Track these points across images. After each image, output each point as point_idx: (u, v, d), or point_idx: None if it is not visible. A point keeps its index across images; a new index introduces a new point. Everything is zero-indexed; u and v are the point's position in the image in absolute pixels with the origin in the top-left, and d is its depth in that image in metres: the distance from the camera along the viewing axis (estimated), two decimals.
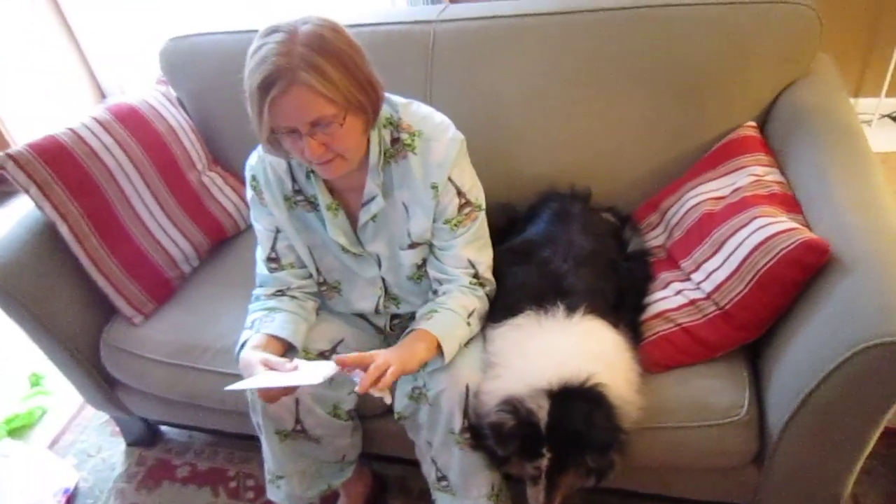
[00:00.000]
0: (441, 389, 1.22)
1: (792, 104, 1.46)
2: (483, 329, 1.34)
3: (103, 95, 3.86)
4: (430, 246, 1.33)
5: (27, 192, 1.53)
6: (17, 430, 2.07)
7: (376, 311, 1.43)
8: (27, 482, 1.80)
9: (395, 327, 1.47)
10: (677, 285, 1.34)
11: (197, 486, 1.81)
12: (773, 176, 1.35)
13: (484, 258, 1.33)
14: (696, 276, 1.31)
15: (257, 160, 1.32)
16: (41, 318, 1.56)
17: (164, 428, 1.99)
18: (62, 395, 2.14)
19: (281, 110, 1.07)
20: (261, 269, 1.40)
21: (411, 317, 1.37)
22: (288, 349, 1.32)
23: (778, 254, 1.13)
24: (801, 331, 1.13)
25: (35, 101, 3.40)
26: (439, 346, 1.22)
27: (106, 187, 1.60)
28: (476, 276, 1.32)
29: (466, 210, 1.29)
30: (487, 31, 1.61)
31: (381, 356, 1.14)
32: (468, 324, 1.28)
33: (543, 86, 1.58)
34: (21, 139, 3.28)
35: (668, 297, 1.33)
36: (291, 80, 1.04)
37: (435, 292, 1.34)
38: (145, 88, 1.85)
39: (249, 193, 1.35)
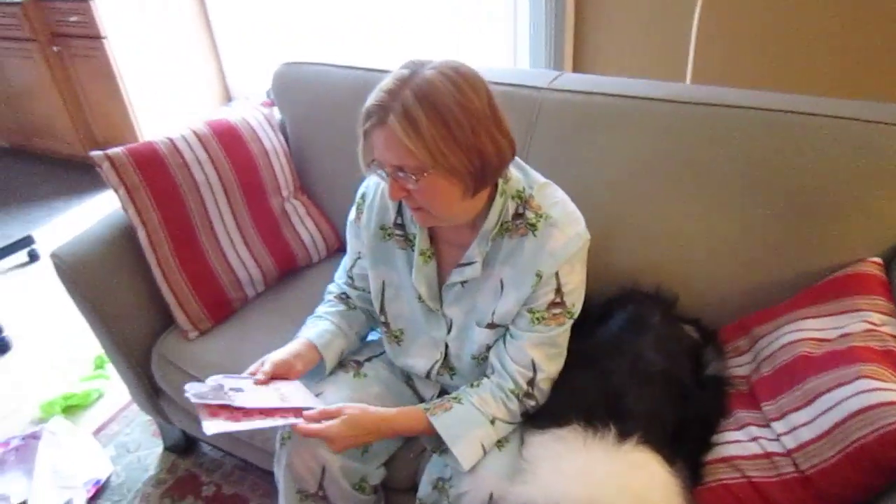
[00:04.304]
0: (463, 492, 1.13)
1: None
2: (523, 432, 1.23)
3: (229, 98, 4.06)
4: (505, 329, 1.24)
5: (116, 192, 1.58)
6: (71, 409, 2.14)
7: (428, 374, 1.35)
8: (64, 464, 1.85)
9: None
10: (754, 430, 1.17)
11: None
12: (891, 328, 1.16)
13: (549, 368, 1.22)
14: (778, 426, 1.14)
15: (375, 182, 1.31)
16: (102, 314, 1.60)
17: (200, 441, 1.99)
18: (119, 382, 2.20)
19: (372, 143, 1.09)
20: (339, 275, 1.46)
21: None
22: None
23: (879, 429, 0.96)
24: None
25: (166, 96, 3.62)
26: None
27: (189, 200, 1.63)
28: (531, 382, 1.21)
29: (556, 311, 1.19)
30: (592, 107, 1.52)
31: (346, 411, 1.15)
32: (492, 423, 1.18)
33: (642, 175, 1.46)
34: (147, 130, 3.50)
35: (740, 442, 1.16)
36: (382, 119, 1.04)
37: (487, 377, 1.25)
38: (248, 107, 1.89)
39: (353, 212, 1.35)
